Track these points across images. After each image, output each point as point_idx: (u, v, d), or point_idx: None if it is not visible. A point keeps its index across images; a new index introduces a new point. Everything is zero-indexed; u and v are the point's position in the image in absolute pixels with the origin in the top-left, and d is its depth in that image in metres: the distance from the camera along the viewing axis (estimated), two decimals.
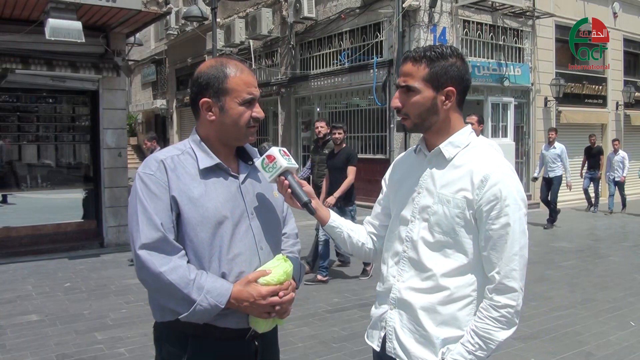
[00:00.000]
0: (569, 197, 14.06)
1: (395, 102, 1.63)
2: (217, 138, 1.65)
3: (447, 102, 1.59)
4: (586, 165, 13.18)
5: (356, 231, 1.82)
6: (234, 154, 1.72)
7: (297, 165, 1.65)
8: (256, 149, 1.80)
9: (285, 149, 1.67)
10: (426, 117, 1.61)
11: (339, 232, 1.78)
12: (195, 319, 1.52)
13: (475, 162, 1.56)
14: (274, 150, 1.63)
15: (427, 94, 1.58)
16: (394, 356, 1.64)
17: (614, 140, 13.27)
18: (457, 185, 1.56)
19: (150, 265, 1.49)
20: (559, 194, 10.72)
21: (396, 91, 1.64)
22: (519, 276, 1.51)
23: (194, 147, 1.64)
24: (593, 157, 12.93)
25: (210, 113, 1.62)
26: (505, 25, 13.01)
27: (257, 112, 1.65)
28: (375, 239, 1.84)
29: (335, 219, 1.77)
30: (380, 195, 1.86)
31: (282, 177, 1.63)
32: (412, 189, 1.66)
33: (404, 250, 1.65)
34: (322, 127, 6.89)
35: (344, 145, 6.47)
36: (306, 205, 1.63)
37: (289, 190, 1.63)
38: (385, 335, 1.67)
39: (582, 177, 13.28)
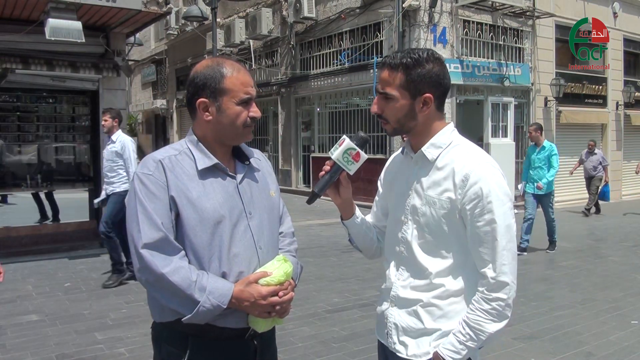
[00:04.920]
0: (567, 197, 14.09)
1: (374, 108, 1.66)
2: (214, 138, 1.65)
3: (424, 108, 1.61)
4: None
5: (371, 229, 1.88)
6: (231, 154, 1.72)
7: (352, 171, 1.67)
8: (252, 149, 1.80)
9: (360, 152, 1.67)
10: (405, 122, 1.63)
11: (358, 228, 1.84)
12: (198, 320, 1.52)
13: (457, 161, 1.59)
14: (348, 143, 1.66)
15: (404, 101, 1.60)
16: (394, 351, 1.69)
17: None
18: (442, 186, 1.59)
19: (153, 266, 1.49)
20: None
21: (375, 96, 1.67)
22: (509, 270, 1.54)
23: (191, 147, 1.64)
24: None
25: (207, 113, 1.62)
26: (505, 25, 13.01)
27: (254, 111, 1.65)
28: (380, 237, 1.89)
29: (358, 216, 1.83)
30: (377, 197, 1.90)
31: (332, 162, 1.68)
32: (403, 190, 1.70)
33: (401, 251, 1.69)
34: None
35: None
36: (313, 194, 1.70)
37: (322, 173, 1.69)
38: (387, 332, 1.72)
39: None
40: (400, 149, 1.79)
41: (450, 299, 1.60)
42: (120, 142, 6.07)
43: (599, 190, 12.34)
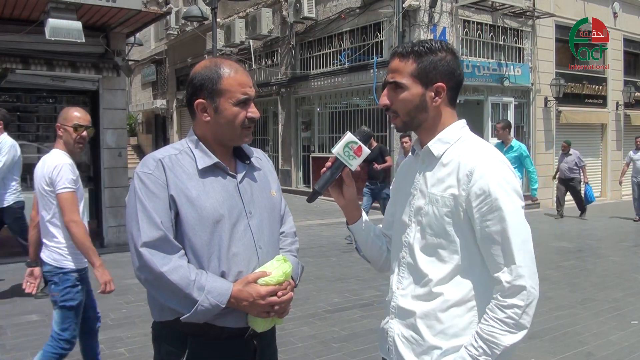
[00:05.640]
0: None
1: (384, 100, 1.55)
2: (213, 138, 1.65)
3: (437, 98, 1.50)
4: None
5: (381, 237, 1.76)
6: (231, 154, 1.72)
7: (353, 166, 1.58)
8: (253, 148, 1.80)
9: (362, 147, 1.58)
10: (415, 115, 1.52)
11: (365, 234, 1.72)
12: (197, 319, 1.52)
13: (462, 156, 1.46)
14: (350, 137, 1.58)
15: (415, 91, 1.49)
16: None
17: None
18: (445, 182, 1.47)
19: (152, 264, 1.49)
20: None
21: (384, 88, 1.57)
22: (527, 273, 1.38)
23: (191, 146, 1.64)
24: (372, 161, 8.13)
25: (205, 114, 1.62)
26: (505, 25, 13.02)
27: (252, 112, 1.63)
28: (390, 247, 1.75)
29: (365, 221, 1.72)
30: (388, 203, 1.81)
31: (333, 158, 1.60)
32: (409, 191, 1.59)
33: (403, 256, 1.58)
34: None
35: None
36: (314, 192, 1.62)
37: (324, 169, 1.61)
38: (388, 347, 1.59)
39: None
40: (411, 149, 1.69)
41: (451, 311, 1.45)
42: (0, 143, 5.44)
43: (582, 192, 11.73)
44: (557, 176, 12.10)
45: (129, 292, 5.71)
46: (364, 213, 1.72)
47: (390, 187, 1.82)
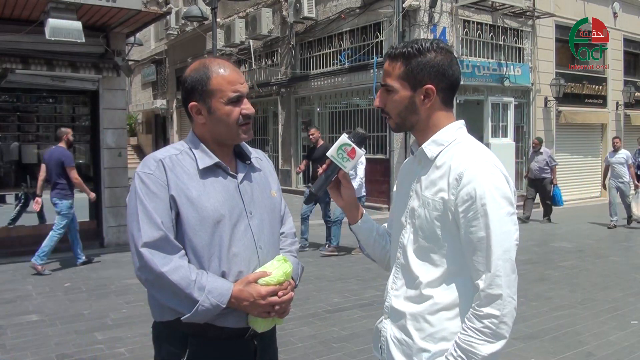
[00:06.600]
0: (569, 197, 14.07)
1: (376, 102, 1.56)
2: (211, 139, 1.65)
3: (426, 100, 1.49)
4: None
5: (384, 237, 1.76)
6: (232, 154, 1.72)
7: (347, 168, 1.60)
8: (252, 149, 1.80)
9: (355, 149, 1.60)
10: (406, 117, 1.52)
11: (367, 234, 1.74)
12: (197, 319, 1.52)
13: (454, 159, 1.45)
14: (343, 139, 1.60)
15: (403, 94, 1.49)
16: None
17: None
18: (437, 186, 1.46)
19: (153, 265, 1.49)
20: None
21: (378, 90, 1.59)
22: (505, 283, 1.36)
23: (192, 146, 1.64)
24: (317, 162, 7.61)
25: (200, 116, 1.62)
26: (505, 25, 13.02)
27: (246, 108, 1.63)
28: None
29: (366, 220, 1.73)
30: (393, 204, 1.81)
31: (329, 161, 1.61)
32: (406, 192, 1.59)
33: (398, 257, 1.58)
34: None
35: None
36: (310, 194, 1.67)
37: (320, 172, 1.63)
38: (380, 346, 1.60)
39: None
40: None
41: (440, 314, 1.45)
42: None
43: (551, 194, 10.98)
44: (527, 176, 11.57)
45: (129, 292, 5.72)
46: (365, 213, 1.73)
47: (394, 187, 1.84)
